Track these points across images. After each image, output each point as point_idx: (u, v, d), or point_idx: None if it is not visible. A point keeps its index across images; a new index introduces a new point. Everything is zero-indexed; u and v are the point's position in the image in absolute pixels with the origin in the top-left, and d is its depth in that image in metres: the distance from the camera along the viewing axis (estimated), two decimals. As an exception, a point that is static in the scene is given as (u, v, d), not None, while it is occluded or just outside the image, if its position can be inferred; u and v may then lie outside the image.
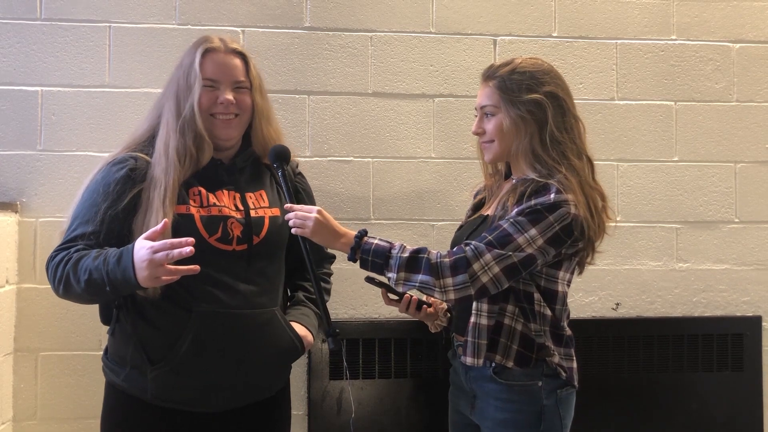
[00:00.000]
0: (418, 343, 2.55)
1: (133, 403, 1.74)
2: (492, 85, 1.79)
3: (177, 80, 1.81)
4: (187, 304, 1.71)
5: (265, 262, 1.81)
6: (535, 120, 1.74)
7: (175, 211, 1.71)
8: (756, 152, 2.78)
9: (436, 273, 1.65)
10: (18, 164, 2.47)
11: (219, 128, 1.79)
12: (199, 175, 1.78)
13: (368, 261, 1.71)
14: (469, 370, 1.80)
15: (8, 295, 2.38)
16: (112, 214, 1.71)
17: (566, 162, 1.73)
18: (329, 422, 2.54)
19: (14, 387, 2.41)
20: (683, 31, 2.77)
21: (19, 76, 2.48)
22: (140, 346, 1.73)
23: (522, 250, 1.65)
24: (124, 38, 2.53)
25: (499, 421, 1.75)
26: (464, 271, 1.64)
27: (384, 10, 2.65)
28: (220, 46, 1.80)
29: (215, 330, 1.71)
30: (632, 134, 2.74)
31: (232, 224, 1.76)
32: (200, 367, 1.71)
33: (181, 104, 1.76)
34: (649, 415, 2.66)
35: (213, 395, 1.74)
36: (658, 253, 2.74)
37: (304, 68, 2.61)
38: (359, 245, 1.71)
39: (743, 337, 2.72)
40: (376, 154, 2.63)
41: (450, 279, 1.65)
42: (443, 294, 1.66)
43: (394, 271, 1.68)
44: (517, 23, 2.70)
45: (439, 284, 1.65)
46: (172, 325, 1.71)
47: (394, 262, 1.68)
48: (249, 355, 1.75)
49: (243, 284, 1.75)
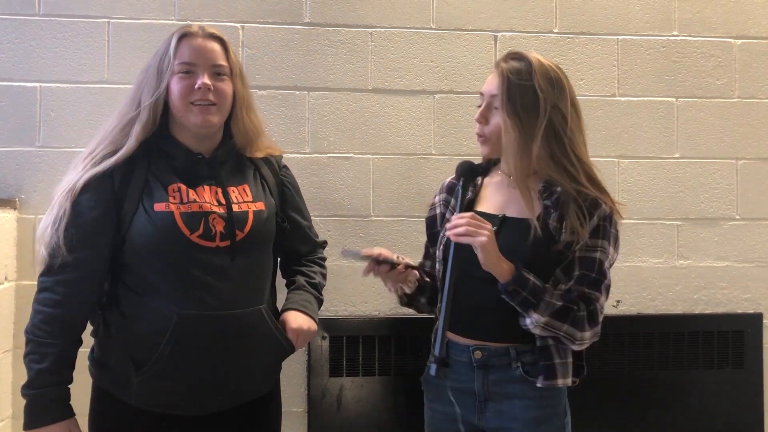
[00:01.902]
0: (418, 340, 2.55)
1: (120, 406, 1.71)
2: (506, 79, 1.75)
3: (147, 69, 1.74)
4: (170, 306, 1.66)
5: (250, 258, 1.75)
6: (550, 126, 1.74)
7: (155, 209, 1.68)
8: (757, 149, 2.78)
9: (581, 326, 1.69)
10: (17, 160, 2.47)
11: (197, 116, 1.70)
12: (179, 170, 1.74)
13: (521, 294, 1.67)
14: (488, 374, 1.76)
15: (7, 291, 2.37)
16: None
17: (587, 167, 1.78)
18: (329, 419, 2.54)
19: (13, 384, 2.42)
20: (685, 27, 2.76)
21: (17, 72, 2.48)
22: (125, 351, 1.70)
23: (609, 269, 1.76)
24: (123, 34, 2.52)
25: (531, 420, 1.74)
26: (597, 323, 1.72)
27: (384, 5, 2.63)
28: (198, 31, 1.74)
29: (199, 333, 1.67)
30: (633, 131, 2.73)
31: (214, 220, 1.70)
32: (184, 370, 1.67)
33: (151, 91, 1.70)
34: (650, 412, 2.65)
35: (198, 398, 1.71)
36: (659, 250, 2.73)
37: (304, 64, 2.60)
38: (522, 276, 1.67)
39: (744, 335, 2.71)
40: (376, 151, 2.62)
41: (588, 332, 1.71)
42: (579, 345, 1.72)
43: (543, 314, 1.67)
44: (518, 19, 2.69)
45: (579, 336, 1.70)
46: (155, 328, 1.67)
47: (545, 306, 1.67)
48: (234, 357, 1.71)
49: (227, 282, 1.70)
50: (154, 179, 1.72)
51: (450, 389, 1.82)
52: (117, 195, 1.69)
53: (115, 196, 1.69)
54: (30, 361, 1.68)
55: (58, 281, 1.67)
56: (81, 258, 1.67)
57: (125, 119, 1.72)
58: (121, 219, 1.69)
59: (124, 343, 1.70)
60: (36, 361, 1.67)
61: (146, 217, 1.68)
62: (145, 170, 1.71)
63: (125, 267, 1.71)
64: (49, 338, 1.67)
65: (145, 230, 1.67)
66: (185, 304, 1.66)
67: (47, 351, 1.67)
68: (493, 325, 1.74)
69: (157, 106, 1.71)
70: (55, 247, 1.66)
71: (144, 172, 1.71)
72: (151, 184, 1.71)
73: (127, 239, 1.69)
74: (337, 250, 2.56)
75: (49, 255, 1.67)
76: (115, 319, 1.72)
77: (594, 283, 1.72)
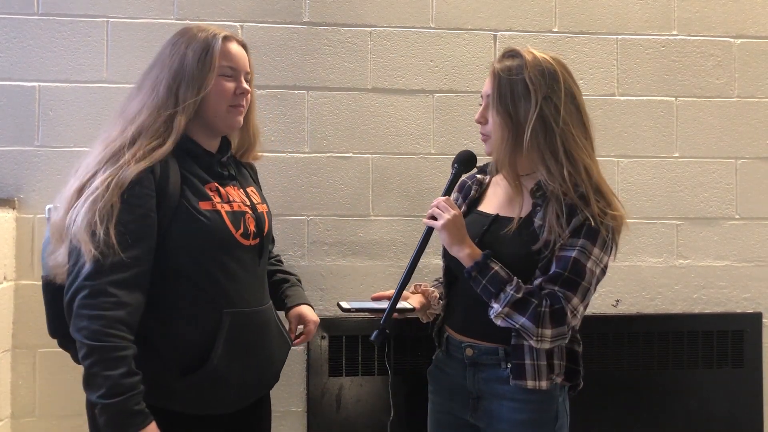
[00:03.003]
0: (418, 340, 2.54)
1: (160, 414, 1.58)
2: (497, 78, 1.75)
3: (180, 63, 1.68)
4: (217, 306, 1.66)
5: (265, 256, 1.84)
6: (540, 118, 1.70)
7: (201, 207, 1.66)
8: (757, 148, 2.77)
9: (538, 321, 1.64)
10: (15, 160, 2.46)
11: (233, 118, 1.75)
12: (206, 169, 1.74)
13: (481, 283, 1.68)
14: (477, 372, 1.78)
15: (6, 291, 2.37)
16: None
17: (580, 162, 1.70)
18: (328, 419, 2.54)
19: (12, 384, 2.41)
20: (684, 27, 2.76)
21: (16, 72, 2.47)
22: (167, 357, 1.64)
23: (592, 274, 1.67)
24: (122, 33, 2.51)
25: (517, 422, 1.73)
26: (563, 323, 1.65)
27: (383, 5, 2.63)
28: (232, 36, 1.76)
29: (242, 331, 1.69)
30: (633, 130, 2.73)
31: (248, 219, 1.75)
32: (233, 369, 1.67)
33: (195, 87, 1.67)
34: (649, 412, 2.65)
35: (239, 394, 1.73)
36: (659, 250, 2.73)
37: (303, 63, 2.60)
38: (485, 264, 1.68)
39: (743, 334, 2.72)
40: (375, 150, 2.62)
41: (549, 330, 1.64)
42: (539, 342, 1.66)
43: (501, 304, 1.66)
44: (518, 18, 2.69)
45: (537, 332, 1.65)
46: (202, 329, 1.64)
47: (505, 296, 1.65)
48: (265, 351, 1.77)
49: (255, 279, 1.77)
50: (189, 176, 1.69)
51: (448, 384, 1.85)
52: (158, 189, 1.63)
53: (157, 191, 1.63)
54: (102, 369, 1.51)
55: (112, 282, 1.54)
56: (135, 256, 1.57)
57: (165, 114, 1.66)
58: (162, 215, 1.63)
59: (167, 348, 1.64)
60: (111, 368, 1.51)
61: (192, 215, 1.64)
62: (177, 167, 1.68)
63: (164, 267, 1.64)
64: (120, 342, 1.53)
65: (193, 229, 1.64)
66: (230, 303, 1.68)
67: (122, 354, 1.53)
68: (483, 324, 1.74)
69: (197, 104, 1.69)
70: (107, 245, 1.53)
71: (177, 169, 1.67)
72: (190, 181, 1.68)
73: (168, 237, 1.63)
74: (337, 250, 2.57)
75: (100, 253, 1.53)
76: (152, 324, 1.63)
77: (567, 283, 1.65)
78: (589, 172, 1.71)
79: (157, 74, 1.70)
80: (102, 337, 1.52)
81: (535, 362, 1.70)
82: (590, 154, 1.75)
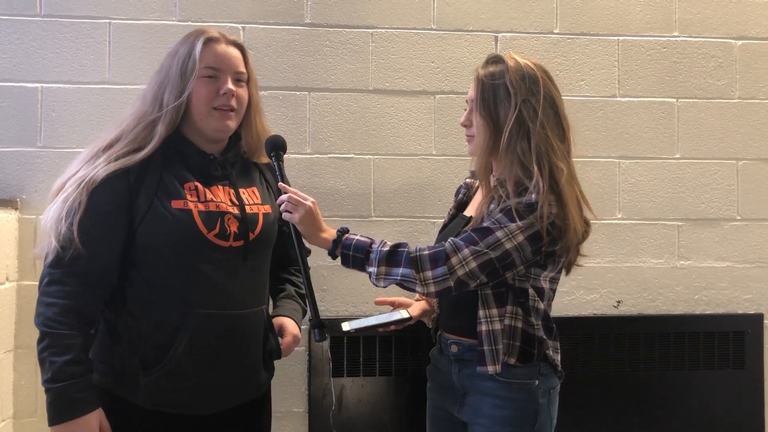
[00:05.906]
0: (419, 340, 2.55)
1: (123, 405, 1.69)
2: (481, 83, 1.80)
3: (167, 69, 1.74)
4: (183, 305, 1.68)
5: (258, 259, 1.80)
6: (517, 120, 1.73)
7: (173, 206, 1.69)
8: (758, 149, 2.78)
9: (416, 266, 1.67)
10: (18, 161, 2.47)
11: (218, 120, 1.73)
12: (193, 169, 1.75)
13: (349, 256, 1.73)
14: (462, 368, 1.80)
15: (8, 292, 2.37)
16: None
17: (548, 163, 1.71)
18: (329, 420, 2.54)
19: (14, 384, 2.41)
20: (685, 28, 2.76)
21: (18, 73, 2.48)
22: (133, 350, 1.69)
23: (499, 246, 1.65)
24: (124, 35, 2.52)
25: (497, 419, 1.75)
26: (443, 264, 1.66)
27: (385, 6, 2.64)
28: (220, 37, 1.77)
29: (211, 332, 1.69)
30: (634, 131, 2.73)
31: (229, 220, 1.73)
32: (195, 369, 1.68)
33: (176, 92, 1.71)
34: (651, 412, 2.66)
35: (208, 397, 1.72)
36: (660, 251, 2.73)
37: (305, 65, 2.60)
38: (341, 240, 1.73)
39: (745, 335, 2.72)
40: (376, 151, 2.63)
41: (429, 272, 1.67)
42: (424, 287, 1.68)
43: (375, 265, 1.69)
44: (519, 20, 2.69)
45: (419, 277, 1.67)
46: (166, 327, 1.67)
47: (374, 256, 1.69)
48: (241, 355, 1.74)
49: (238, 282, 1.73)
50: (169, 176, 1.72)
51: (441, 380, 1.89)
52: (131, 191, 1.68)
53: (130, 192, 1.68)
54: (50, 354, 1.60)
55: (70, 273, 1.63)
56: (94, 251, 1.64)
57: (147, 119, 1.71)
58: (133, 215, 1.68)
59: (132, 342, 1.69)
60: (58, 354, 1.60)
61: (162, 214, 1.67)
62: (160, 168, 1.71)
63: (135, 264, 1.70)
64: (69, 329, 1.61)
65: (161, 227, 1.67)
66: (198, 303, 1.68)
67: (70, 342, 1.61)
68: (466, 322, 1.77)
69: (181, 109, 1.72)
70: (68, 239, 1.61)
71: (158, 170, 1.71)
72: (167, 181, 1.71)
73: (139, 235, 1.68)
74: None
75: (61, 246, 1.62)
76: (122, 318, 1.71)
77: (465, 237, 1.67)
78: (556, 177, 1.70)
79: (149, 82, 1.77)
80: (53, 324, 1.61)
81: (493, 347, 1.72)
82: (564, 157, 1.75)
